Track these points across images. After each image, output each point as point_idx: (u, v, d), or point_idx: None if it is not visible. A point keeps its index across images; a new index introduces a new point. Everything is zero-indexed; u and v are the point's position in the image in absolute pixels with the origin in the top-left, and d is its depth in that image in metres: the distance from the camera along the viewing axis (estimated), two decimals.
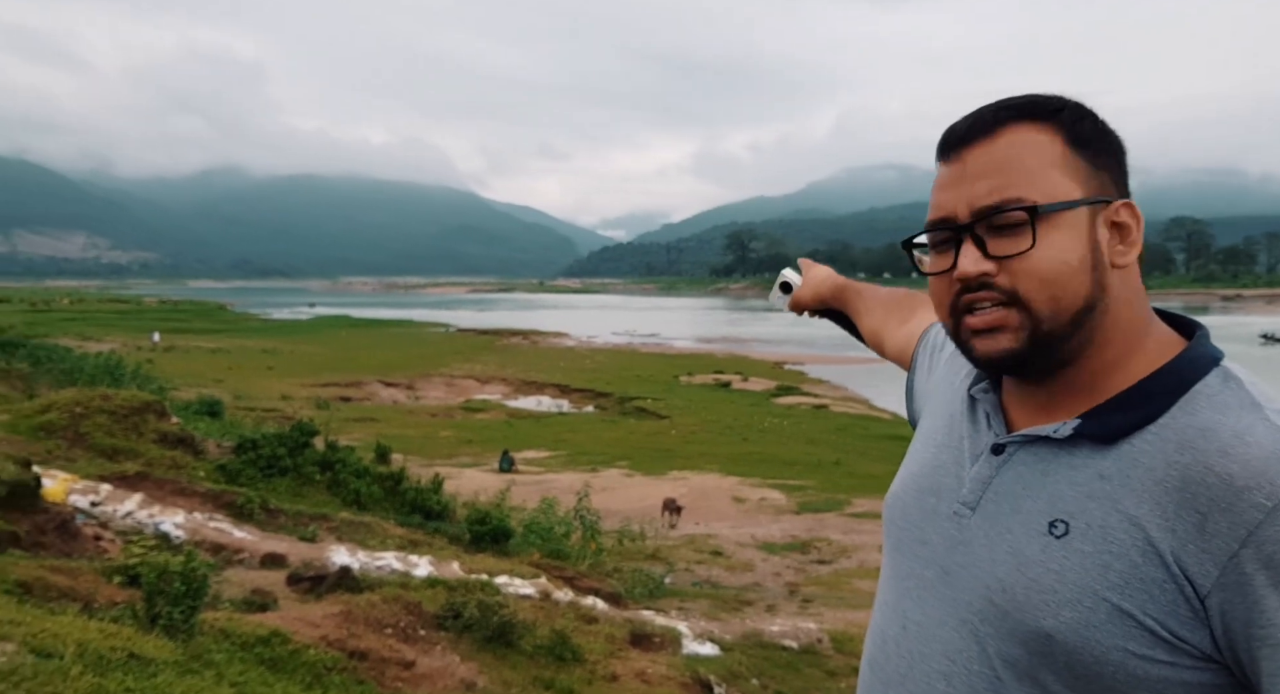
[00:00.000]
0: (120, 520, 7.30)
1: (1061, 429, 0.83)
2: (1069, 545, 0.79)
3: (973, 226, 0.83)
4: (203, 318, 78.27)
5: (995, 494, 0.87)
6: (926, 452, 0.98)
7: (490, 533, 9.70)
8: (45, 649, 3.02)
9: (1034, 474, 0.85)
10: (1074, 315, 0.81)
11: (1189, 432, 0.78)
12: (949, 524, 0.90)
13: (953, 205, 0.84)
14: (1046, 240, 0.80)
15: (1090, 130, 0.84)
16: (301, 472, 10.61)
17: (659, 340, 64.95)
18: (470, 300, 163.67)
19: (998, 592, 0.82)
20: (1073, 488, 0.81)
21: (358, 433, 22.04)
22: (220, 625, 4.20)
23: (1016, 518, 0.84)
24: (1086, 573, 0.78)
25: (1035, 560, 0.80)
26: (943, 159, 0.88)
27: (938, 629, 0.88)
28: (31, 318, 58.93)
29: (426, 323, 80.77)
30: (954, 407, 0.98)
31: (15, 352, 18.73)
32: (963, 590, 0.86)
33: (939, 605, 0.88)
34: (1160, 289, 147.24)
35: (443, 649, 5.12)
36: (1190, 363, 0.82)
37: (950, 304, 0.86)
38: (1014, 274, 0.81)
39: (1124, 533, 0.77)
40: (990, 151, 0.83)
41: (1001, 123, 0.84)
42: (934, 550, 0.90)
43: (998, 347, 0.82)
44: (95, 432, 9.61)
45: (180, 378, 28.38)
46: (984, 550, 0.85)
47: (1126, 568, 0.76)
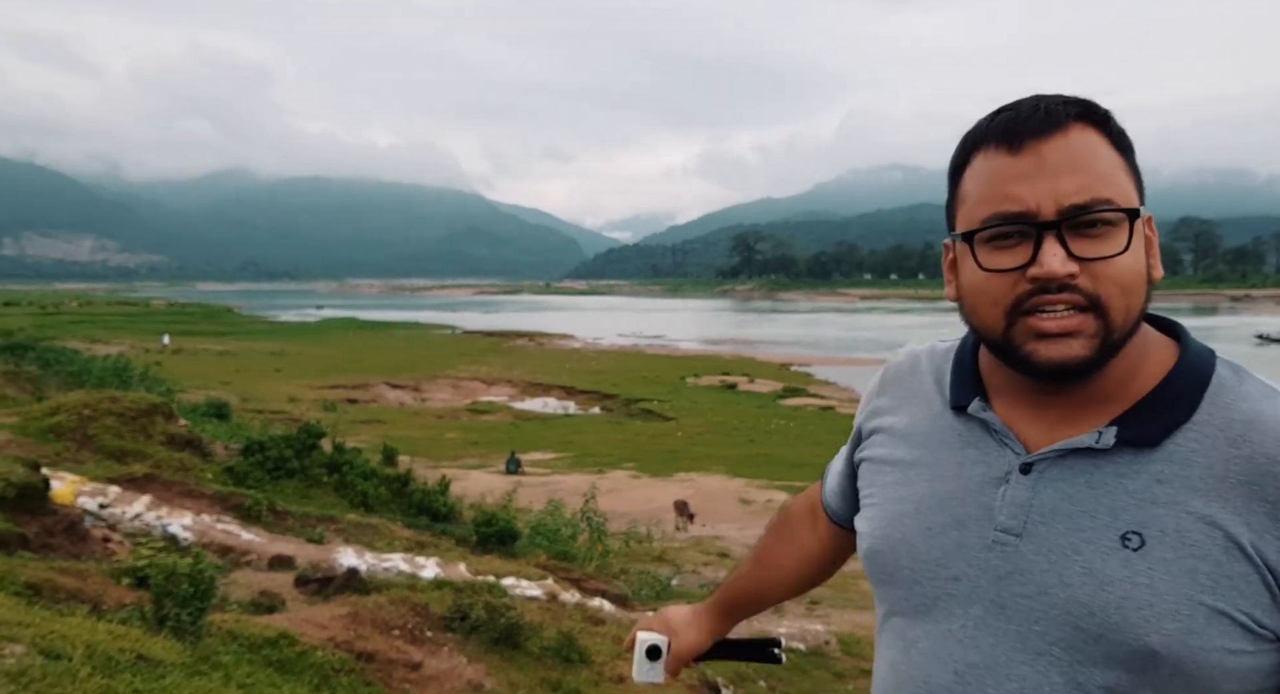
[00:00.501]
0: (128, 522, 7.33)
1: (1104, 438, 0.80)
2: (1150, 556, 0.77)
3: (1059, 224, 0.78)
4: (210, 320, 78.59)
5: (1041, 515, 0.82)
6: (914, 487, 0.91)
7: (497, 534, 9.70)
8: (54, 650, 3.03)
9: (1078, 489, 0.81)
10: (1133, 327, 0.80)
11: (1235, 424, 0.79)
12: (989, 555, 0.84)
13: (1034, 199, 0.78)
14: (1132, 246, 0.79)
15: (1127, 139, 0.83)
16: (309, 473, 10.64)
17: (665, 342, 64.93)
18: (476, 302, 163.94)
19: (1083, 616, 0.78)
20: (1131, 497, 0.79)
21: (364, 435, 22.08)
22: (228, 627, 4.21)
23: (1079, 536, 0.80)
24: (1177, 581, 0.76)
25: (1120, 578, 0.77)
26: (1005, 147, 0.81)
27: (1008, 668, 0.81)
28: (40, 320, 59.22)
29: (433, 325, 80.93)
30: (938, 435, 0.92)
31: (24, 354, 18.84)
32: (1032, 622, 0.81)
33: (1002, 643, 0.82)
34: (1168, 290, 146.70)
35: (450, 651, 5.12)
36: (1198, 358, 0.84)
37: (1012, 303, 0.80)
38: (1097, 278, 0.78)
39: (1201, 533, 0.77)
40: (1067, 147, 0.79)
41: (1070, 118, 0.80)
42: (974, 586, 0.84)
43: (1069, 353, 0.78)
44: (104, 434, 9.65)
45: (188, 380, 28.49)
46: (1050, 576, 0.80)
47: (1212, 568, 0.76)
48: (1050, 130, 0.79)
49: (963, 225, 0.84)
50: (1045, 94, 0.83)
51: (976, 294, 0.83)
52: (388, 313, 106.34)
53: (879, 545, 0.92)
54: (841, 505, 1.11)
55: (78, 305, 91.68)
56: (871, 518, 0.95)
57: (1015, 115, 0.81)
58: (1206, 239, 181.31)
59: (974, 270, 0.82)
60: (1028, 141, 0.80)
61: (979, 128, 0.85)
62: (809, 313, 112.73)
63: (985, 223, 0.81)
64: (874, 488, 0.97)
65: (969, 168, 0.85)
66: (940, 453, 0.91)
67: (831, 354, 53.22)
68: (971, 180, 0.84)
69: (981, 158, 0.83)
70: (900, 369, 1.02)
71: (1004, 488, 0.84)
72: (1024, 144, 0.80)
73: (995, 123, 0.83)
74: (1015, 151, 0.80)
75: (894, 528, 0.91)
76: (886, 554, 0.91)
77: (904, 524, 0.90)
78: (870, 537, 0.94)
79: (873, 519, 0.95)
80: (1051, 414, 0.84)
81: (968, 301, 0.85)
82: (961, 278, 0.86)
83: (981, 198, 0.82)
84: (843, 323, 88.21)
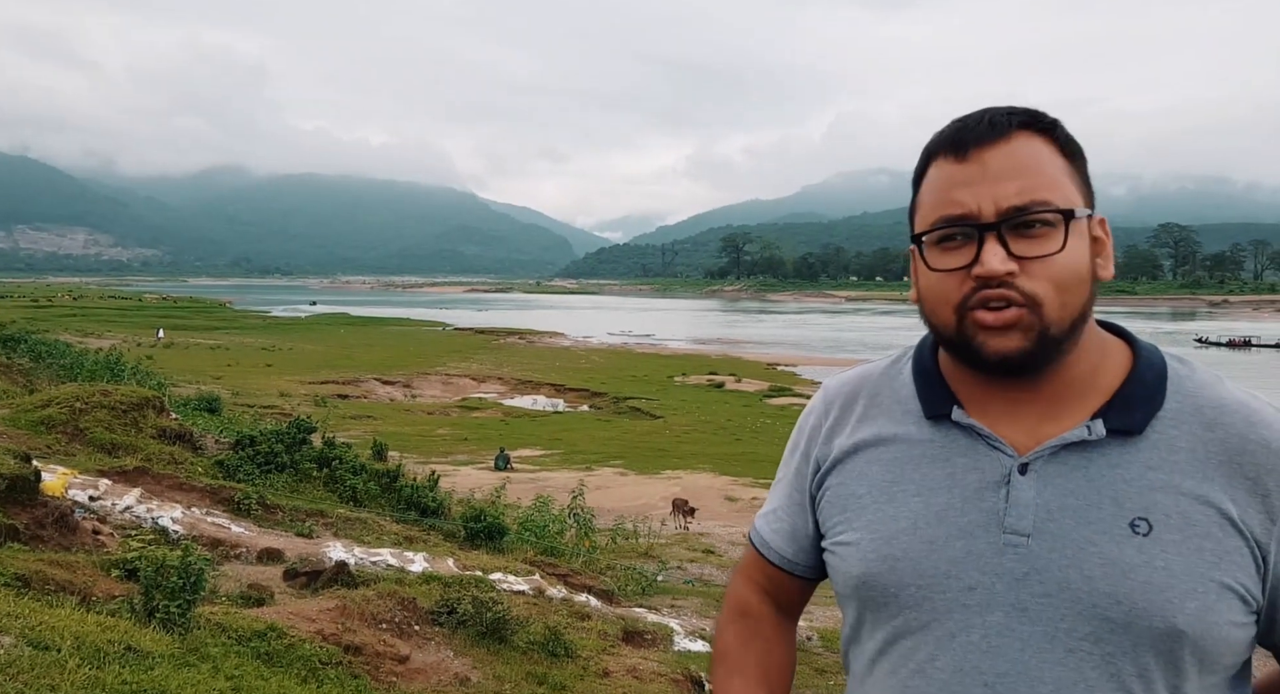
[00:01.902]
0: (119, 515, 7.34)
1: (1095, 430, 0.83)
2: (1161, 540, 0.80)
3: (999, 226, 0.82)
4: (203, 315, 78.25)
5: (1048, 513, 0.83)
6: (904, 504, 0.89)
7: (485, 530, 9.74)
8: (43, 642, 3.03)
9: (1078, 483, 0.83)
10: (1074, 322, 0.83)
11: (1205, 410, 0.84)
12: (1003, 559, 0.83)
13: (976, 202, 0.83)
14: (1069, 246, 0.82)
15: (1075, 145, 0.87)
16: (299, 468, 10.65)
17: (654, 341, 64.97)
18: (468, 300, 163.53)
19: (1110, 606, 0.79)
20: (1129, 485, 0.82)
21: (355, 430, 22.07)
22: (217, 619, 4.24)
23: (1091, 528, 0.82)
24: (1189, 561, 0.79)
25: (1138, 563, 0.79)
26: (953, 156, 0.85)
27: (1040, 671, 0.81)
28: (33, 313, 58.87)
29: (424, 322, 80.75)
30: (917, 449, 0.91)
31: (16, 347, 18.74)
32: (1058, 620, 0.81)
33: (1029, 647, 0.82)
34: (1149, 294, 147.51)
35: (437, 644, 5.17)
36: (1152, 354, 0.89)
37: (960, 301, 0.83)
38: (1034, 276, 0.81)
39: (1200, 513, 0.81)
40: (1009, 153, 0.83)
41: (1013, 127, 0.84)
42: (991, 593, 0.83)
43: (1010, 345, 0.81)
44: (95, 427, 9.65)
45: (180, 374, 28.38)
46: (1070, 571, 0.81)
47: (1215, 545, 0.80)
48: (994, 138, 0.84)
49: (917, 230, 0.89)
50: (995, 106, 0.87)
51: (931, 294, 0.87)
52: (380, 309, 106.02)
53: (876, 568, 0.89)
54: (796, 548, 1.03)
55: (71, 299, 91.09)
56: (859, 543, 0.91)
57: (963, 126, 0.86)
58: (1186, 245, 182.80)
59: (926, 271, 0.87)
60: (972, 149, 0.84)
61: (933, 139, 0.89)
62: (796, 313, 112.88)
63: (932, 226, 0.86)
64: (850, 514, 0.93)
65: (925, 177, 0.89)
66: (923, 466, 0.90)
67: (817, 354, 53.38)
68: (926, 188, 0.89)
69: (935, 167, 0.88)
70: (847, 391, 1.00)
71: (1005, 490, 0.84)
72: (969, 151, 0.84)
73: (945, 133, 0.87)
74: (962, 159, 0.84)
75: (891, 547, 0.88)
76: (886, 575, 0.88)
77: (902, 542, 0.88)
78: (863, 562, 0.90)
79: (861, 544, 0.91)
80: (1029, 414, 0.86)
81: (925, 302, 0.88)
82: (919, 281, 0.89)
83: (931, 204, 0.87)
84: (829, 324, 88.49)
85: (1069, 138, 0.86)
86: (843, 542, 0.93)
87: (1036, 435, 0.86)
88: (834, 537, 0.95)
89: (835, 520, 0.95)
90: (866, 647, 0.94)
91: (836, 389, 1.02)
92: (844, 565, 0.93)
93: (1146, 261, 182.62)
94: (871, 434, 0.94)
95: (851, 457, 0.95)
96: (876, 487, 0.92)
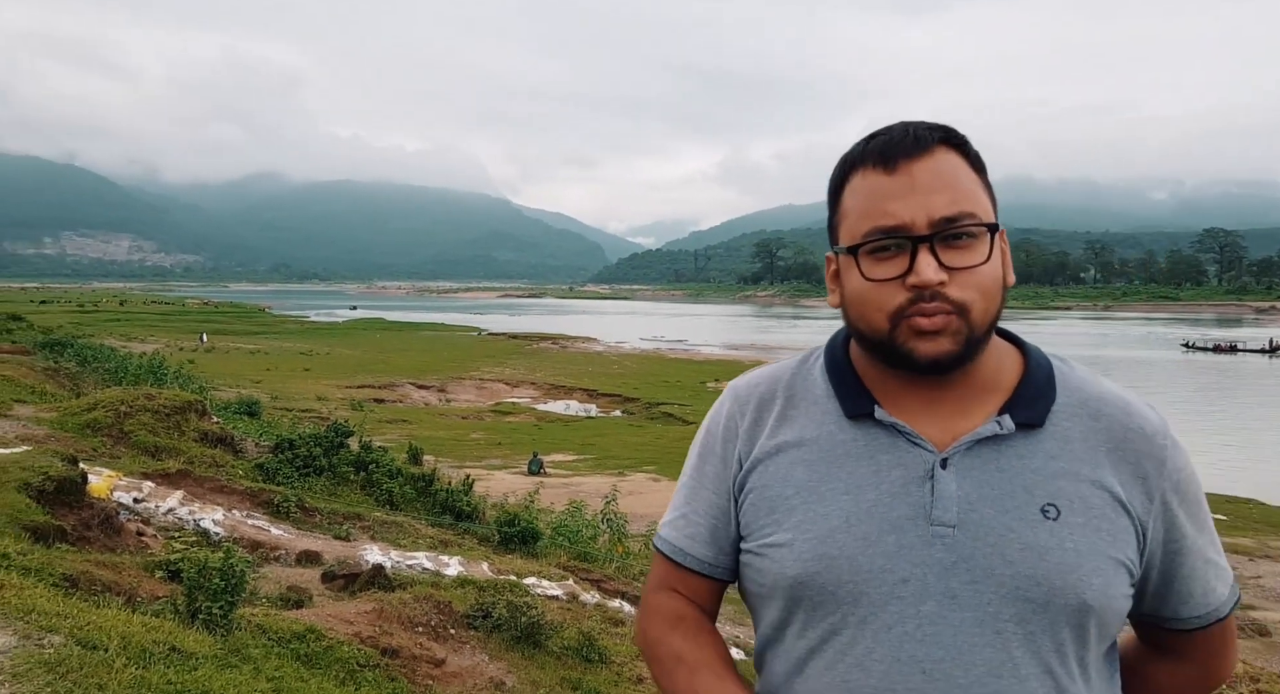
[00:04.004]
0: (162, 517, 7.48)
1: (1005, 424, 0.90)
2: (1068, 523, 0.87)
3: (931, 237, 0.86)
4: (242, 320, 79.64)
5: (970, 504, 0.87)
6: (834, 502, 0.90)
7: (519, 534, 9.78)
8: (91, 641, 3.09)
9: (991, 474, 0.89)
10: (992, 325, 0.89)
11: (1090, 403, 0.92)
12: (932, 550, 0.87)
13: (909, 214, 0.86)
14: (991, 256, 0.88)
15: (981, 161, 0.92)
16: (337, 471, 10.78)
17: (686, 346, 64.87)
18: (501, 305, 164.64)
19: (1031, 587, 0.85)
20: (1036, 474, 0.89)
21: (391, 434, 22.30)
22: (257, 621, 4.29)
23: (1009, 516, 0.87)
24: (1090, 540, 0.87)
25: (1051, 546, 0.86)
26: (880, 168, 0.88)
27: (973, 654, 0.85)
28: (79, 318, 60.36)
29: (458, 327, 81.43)
30: (841, 448, 0.93)
31: (63, 351, 19.22)
32: (984, 605, 0.85)
33: (961, 632, 0.86)
34: (1192, 301, 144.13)
35: (472, 648, 5.18)
36: (1039, 354, 0.97)
37: (895, 309, 0.87)
38: (962, 285, 0.86)
39: (1097, 497, 0.89)
40: (934, 167, 0.87)
41: (934, 142, 0.88)
42: (923, 584, 0.87)
43: (940, 348, 0.86)
44: (139, 430, 9.84)
45: (220, 378, 28.93)
46: (993, 558, 0.86)
47: (1109, 525, 0.89)
48: (919, 152, 0.88)
49: (845, 240, 0.91)
50: (912, 121, 0.91)
51: (864, 301, 0.89)
52: (415, 314, 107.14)
53: (814, 568, 0.89)
54: (717, 551, 1.00)
55: (116, 304, 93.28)
56: (792, 543, 0.91)
57: (889, 139, 0.89)
58: (1231, 250, 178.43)
59: (859, 280, 0.89)
60: (900, 162, 0.87)
61: (855, 151, 0.92)
62: (830, 319, 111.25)
63: (865, 237, 0.88)
64: (779, 515, 0.93)
65: (847, 187, 0.92)
66: (849, 464, 0.92)
67: None
68: (851, 197, 0.91)
69: (859, 177, 0.90)
70: (760, 391, 1.00)
71: (930, 484, 0.89)
72: (897, 164, 0.88)
73: (871, 146, 0.90)
74: (890, 171, 0.88)
75: (827, 546, 0.89)
76: (824, 574, 0.89)
77: (838, 540, 0.89)
78: (799, 562, 0.90)
79: (795, 544, 0.91)
80: (942, 412, 0.91)
81: (854, 308, 0.91)
82: (847, 287, 0.92)
83: (862, 213, 0.89)
84: None
85: (977, 154, 0.92)
86: (773, 543, 0.93)
87: (951, 431, 0.91)
88: (761, 539, 0.94)
89: (762, 522, 0.95)
90: (795, 646, 0.93)
91: (748, 390, 1.01)
92: (775, 567, 0.93)
93: (1190, 267, 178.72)
94: (794, 435, 0.95)
95: (774, 457, 0.96)
96: (804, 487, 0.93)
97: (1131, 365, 51.15)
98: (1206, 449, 27.16)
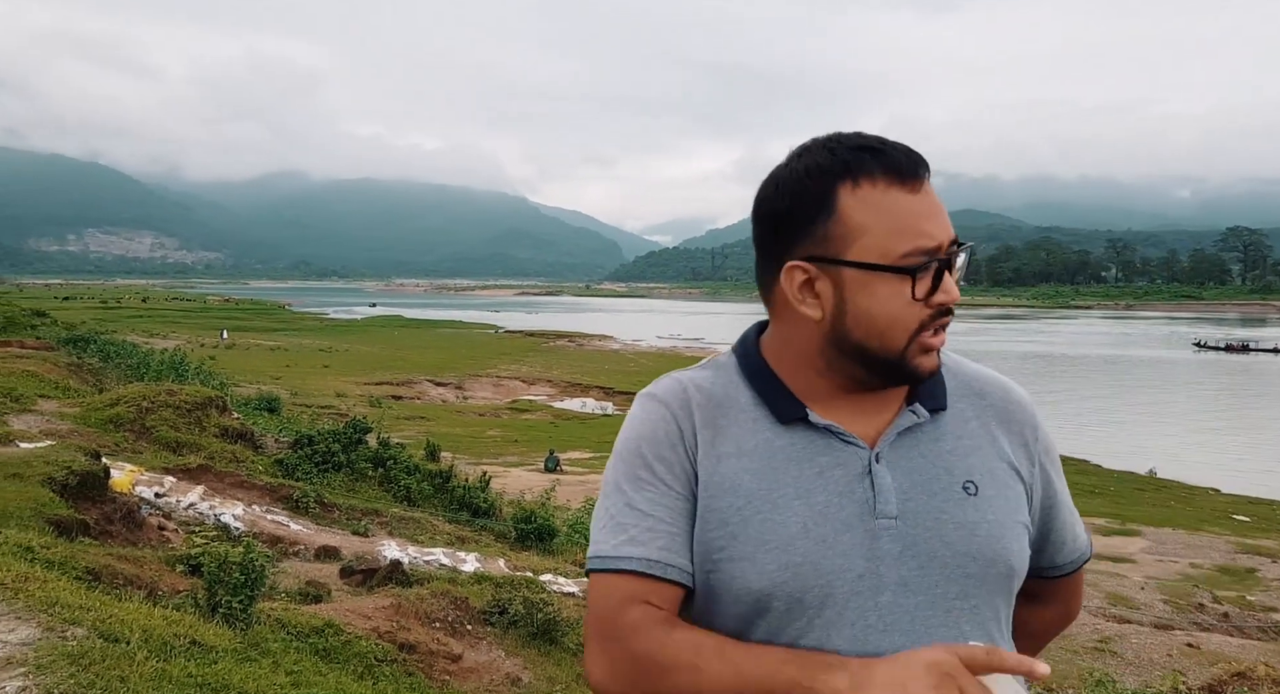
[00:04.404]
0: (183, 511, 7.55)
1: (921, 413, 0.95)
2: (985, 496, 0.94)
3: (951, 259, 0.90)
4: (263, 317, 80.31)
5: (905, 493, 0.92)
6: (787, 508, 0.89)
7: (535, 531, 9.81)
8: (113, 634, 3.12)
9: (915, 461, 0.94)
10: None
11: (973, 384, 1.01)
12: (881, 542, 0.89)
13: (942, 236, 0.89)
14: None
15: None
16: (355, 468, 10.85)
17: (703, 344, 64.75)
18: (518, 303, 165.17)
19: (968, 563, 0.91)
20: (951, 455, 0.95)
21: (408, 431, 22.42)
22: (276, 615, 4.33)
23: (939, 499, 0.92)
24: (1004, 509, 0.94)
25: (978, 521, 0.92)
26: (900, 185, 0.88)
27: (929, 636, 0.87)
28: (101, 314, 61.09)
29: (476, 324, 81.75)
30: (781, 453, 0.92)
31: (86, 347, 19.46)
32: (932, 587, 0.89)
33: (918, 617, 0.88)
34: (1216, 300, 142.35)
35: (489, 644, 5.20)
36: None
37: (918, 327, 0.89)
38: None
39: (999, 468, 0.96)
40: (932, 189, 0.91)
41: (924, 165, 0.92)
42: (877, 577, 0.88)
43: (935, 363, 0.92)
44: (160, 425, 9.95)
45: (241, 375, 29.18)
46: (934, 541, 0.90)
47: (1012, 492, 0.96)
48: (926, 174, 0.91)
49: (873, 256, 0.88)
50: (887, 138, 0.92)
51: (891, 321, 0.89)
52: (432, 311, 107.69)
53: (782, 577, 0.88)
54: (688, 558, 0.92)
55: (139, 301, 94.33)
56: (753, 556, 0.89)
57: (896, 155, 0.89)
58: (1256, 249, 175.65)
59: (897, 299, 0.88)
60: (918, 182, 0.89)
61: (850, 159, 0.89)
62: None
63: (906, 256, 0.88)
64: (733, 528, 0.90)
65: (850, 195, 0.89)
66: (792, 469, 0.91)
67: None
68: (864, 211, 0.88)
69: (873, 190, 0.88)
70: (681, 399, 0.96)
71: (869, 480, 0.91)
72: (918, 184, 0.89)
73: (877, 158, 0.88)
74: (913, 190, 0.89)
75: (791, 554, 0.88)
76: (793, 582, 0.88)
77: (800, 546, 0.88)
78: (762, 574, 0.88)
79: (757, 557, 0.89)
80: (863, 408, 0.95)
81: (872, 328, 0.89)
82: (870, 308, 0.89)
83: (895, 231, 0.88)
84: None
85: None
86: (732, 557, 0.90)
87: (873, 425, 0.94)
88: (718, 552, 0.91)
89: (715, 535, 0.91)
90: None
91: (675, 397, 0.97)
92: (737, 583, 0.89)
93: (1214, 266, 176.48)
94: (732, 446, 0.94)
95: (717, 468, 0.93)
96: (755, 496, 0.91)
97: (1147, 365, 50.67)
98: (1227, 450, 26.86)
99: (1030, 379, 41.68)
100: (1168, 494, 21.72)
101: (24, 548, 4.06)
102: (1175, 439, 28.73)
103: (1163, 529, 17.40)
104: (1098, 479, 22.57)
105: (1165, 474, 23.65)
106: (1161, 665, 8.81)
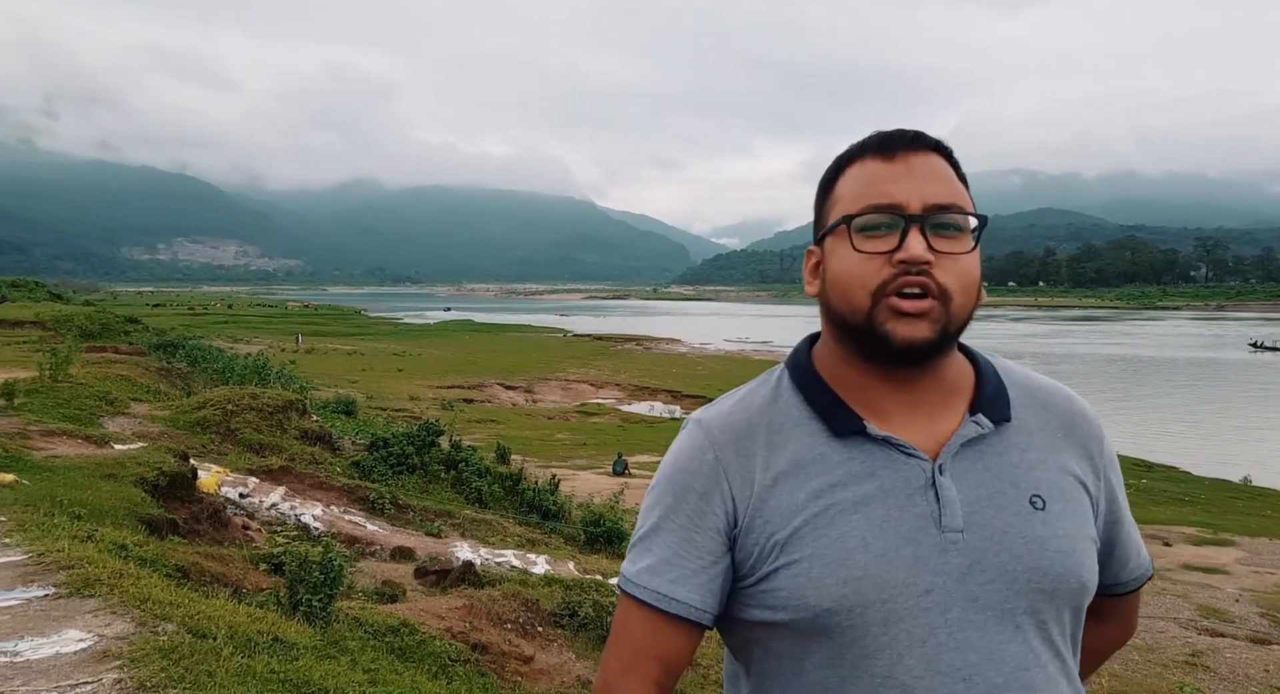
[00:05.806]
0: (265, 511, 7.81)
1: (984, 424, 0.93)
2: (1054, 510, 0.92)
3: (923, 219, 0.88)
4: (340, 322, 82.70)
5: (971, 506, 0.90)
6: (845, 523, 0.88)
7: (604, 534, 9.84)
8: (200, 630, 3.23)
9: (980, 474, 0.91)
10: (966, 322, 0.91)
11: (1036, 393, 0.98)
12: (948, 558, 0.87)
13: (904, 196, 0.89)
14: (975, 250, 0.91)
15: (964, 174, 0.95)
16: (428, 470, 11.07)
17: (771, 348, 64.14)
18: (586, 306, 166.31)
19: (1039, 577, 0.88)
20: (1016, 468, 0.93)
21: (479, 433, 22.78)
22: (354, 614, 4.43)
23: (1006, 514, 0.90)
24: (1073, 524, 0.92)
25: (1048, 535, 0.90)
26: (879, 157, 0.92)
27: (1002, 651, 0.87)
28: (189, 320, 63.74)
29: (544, 328, 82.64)
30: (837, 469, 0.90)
31: (175, 352, 20.34)
32: (1001, 602, 0.88)
33: (987, 633, 0.87)
34: None
35: (559, 646, 5.23)
36: (978, 353, 1.00)
37: (879, 285, 0.88)
38: (946, 271, 0.88)
39: (1066, 481, 0.94)
40: (930, 162, 0.91)
41: (930, 145, 0.93)
42: (945, 592, 0.87)
43: (918, 333, 0.87)
44: (244, 428, 10.31)
45: (319, 378, 30.07)
46: (1003, 555, 0.88)
47: (1080, 506, 0.94)
48: (918, 148, 0.92)
49: (836, 216, 0.92)
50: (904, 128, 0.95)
51: (850, 276, 0.89)
52: (502, 315, 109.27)
53: (840, 592, 0.86)
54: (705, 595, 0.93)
55: (224, 307, 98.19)
56: (810, 573, 0.87)
57: (889, 134, 0.93)
58: None
59: (848, 253, 0.90)
60: (899, 151, 0.91)
61: (853, 148, 0.95)
62: None
63: (861, 211, 0.90)
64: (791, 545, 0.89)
65: (842, 177, 0.95)
66: (851, 484, 0.90)
67: None
68: (846, 184, 0.94)
69: (857, 167, 0.93)
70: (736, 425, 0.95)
71: (933, 492, 0.89)
72: (896, 153, 0.91)
73: (870, 140, 0.94)
74: (889, 159, 0.91)
75: (849, 569, 0.87)
76: (852, 597, 0.86)
77: (859, 561, 0.87)
78: (820, 590, 0.87)
79: (814, 574, 0.87)
80: (920, 418, 0.93)
81: (836, 287, 0.91)
82: (833, 267, 0.92)
83: (857, 195, 0.91)
84: None
85: (959, 165, 0.95)
86: (788, 575, 0.89)
87: (934, 436, 0.92)
88: (774, 573, 0.90)
89: (773, 556, 0.90)
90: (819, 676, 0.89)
91: (722, 425, 0.97)
92: (794, 601, 0.89)
93: None
94: (788, 463, 0.92)
95: (773, 490, 0.92)
96: (811, 514, 0.90)
97: (1237, 368, 48.25)
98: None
99: (1111, 383, 40.12)
100: (1264, 502, 20.60)
101: (119, 546, 4.25)
102: (1268, 447, 27.28)
103: (1259, 539, 16.51)
104: (1187, 486, 21.56)
105: (1260, 482, 22.47)
106: (1259, 681, 8.37)
